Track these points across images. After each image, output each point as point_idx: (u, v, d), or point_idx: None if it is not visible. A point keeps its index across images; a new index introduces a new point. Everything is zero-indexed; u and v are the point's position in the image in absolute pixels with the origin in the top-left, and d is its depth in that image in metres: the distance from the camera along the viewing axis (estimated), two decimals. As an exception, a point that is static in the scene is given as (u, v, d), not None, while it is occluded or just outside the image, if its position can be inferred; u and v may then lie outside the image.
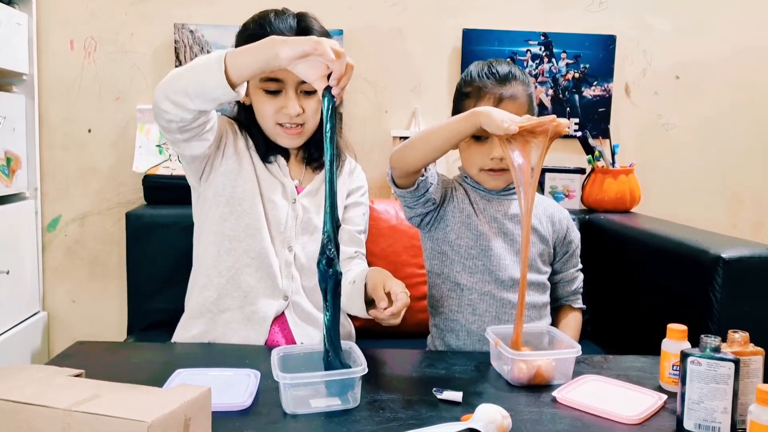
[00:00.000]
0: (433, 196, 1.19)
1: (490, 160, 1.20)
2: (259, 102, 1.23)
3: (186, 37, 1.90)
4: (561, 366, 0.99)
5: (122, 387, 0.76)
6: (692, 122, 2.10)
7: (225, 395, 0.89)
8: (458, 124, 1.08)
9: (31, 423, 0.69)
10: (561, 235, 1.31)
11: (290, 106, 1.21)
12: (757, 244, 1.35)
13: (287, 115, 1.22)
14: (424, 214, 1.23)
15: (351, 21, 1.95)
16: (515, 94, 1.20)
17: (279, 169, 1.29)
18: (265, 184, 1.26)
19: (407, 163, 1.13)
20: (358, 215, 1.35)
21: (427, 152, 1.11)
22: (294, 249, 1.27)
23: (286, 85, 1.21)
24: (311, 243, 1.27)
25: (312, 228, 1.28)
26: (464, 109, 1.23)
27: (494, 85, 1.21)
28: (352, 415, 0.86)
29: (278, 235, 1.26)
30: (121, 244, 1.83)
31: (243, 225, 1.24)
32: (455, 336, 1.24)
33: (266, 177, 1.27)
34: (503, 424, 0.81)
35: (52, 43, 1.89)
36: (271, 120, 1.24)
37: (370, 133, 2.00)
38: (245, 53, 1.02)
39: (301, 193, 1.29)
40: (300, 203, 1.28)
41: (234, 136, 1.28)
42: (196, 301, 1.26)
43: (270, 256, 1.24)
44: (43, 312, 1.94)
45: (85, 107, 1.92)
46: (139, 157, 1.86)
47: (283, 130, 1.25)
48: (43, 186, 1.92)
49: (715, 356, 0.82)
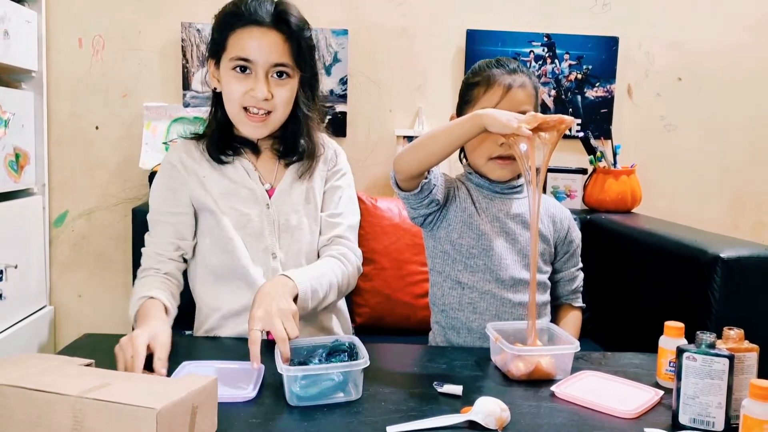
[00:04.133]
0: (437, 197, 1.20)
1: (499, 146, 1.21)
2: (228, 83, 1.19)
3: (193, 36, 1.92)
4: (560, 362, 1.01)
5: (131, 376, 0.78)
6: (694, 123, 2.11)
7: (230, 387, 0.91)
8: (461, 128, 1.09)
9: (43, 409, 0.71)
10: (562, 235, 1.32)
11: (259, 89, 1.16)
12: (755, 244, 1.36)
13: (254, 98, 1.17)
14: (427, 215, 1.24)
15: (356, 20, 1.97)
16: (524, 83, 1.21)
17: (246, 174, 1.24)
18: (228, 197, 1.22)
19: (411, 166, 1.14)
20: (334, 200, 1.30)
21: (430, 156, 1.12)
22: (278, 255, 1.23)
23: (257, 66, 1.17)
24: (293, 243, 1.24)
25: (291, 228, 1.24)
26: (472, 98, 1.25)
27: (503, 74, 1.22)
28: (355, 407, 0.88)
29: (257, 245, 1.22)
30: (127, 240, 1.85)
31: (219, 250, 1.22)
32: (456, 333, 1.26)
33: (228, 188, 1.23)
34: (502, 417, 0.83)
35: (60, 40, 1.92)
36: (237, 103, 1.19)
37: (374, 132, 2.02)
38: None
39: (273, 195, 1.24)
40: (274, 207, 1.24)
41: (185, 175, 1.23)
42: (202, 325, 1.26)
43: (251, 274, 1.20)
44: (50, 306, 1.96)
45: (92, 104, 1.94)
46: (145, 154, 1.88)
47: (247, 115, 1.19)
48: (51, 182, 1.95)
49: (710, 352, 0.84)
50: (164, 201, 1.24)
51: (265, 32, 1.17)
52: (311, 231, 1.27)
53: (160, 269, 1.20)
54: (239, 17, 1.17)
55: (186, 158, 1.25)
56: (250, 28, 1.17)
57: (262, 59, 1.17)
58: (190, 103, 1.94)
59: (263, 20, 1.16)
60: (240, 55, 1.17)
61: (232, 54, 1.17)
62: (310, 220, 1.26)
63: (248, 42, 1.16)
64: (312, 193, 1.27)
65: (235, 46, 1.17)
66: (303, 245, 1.25)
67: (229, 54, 1.18)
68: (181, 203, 1.23)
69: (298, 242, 1.24)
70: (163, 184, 1.25)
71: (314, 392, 0.89)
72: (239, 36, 1.17)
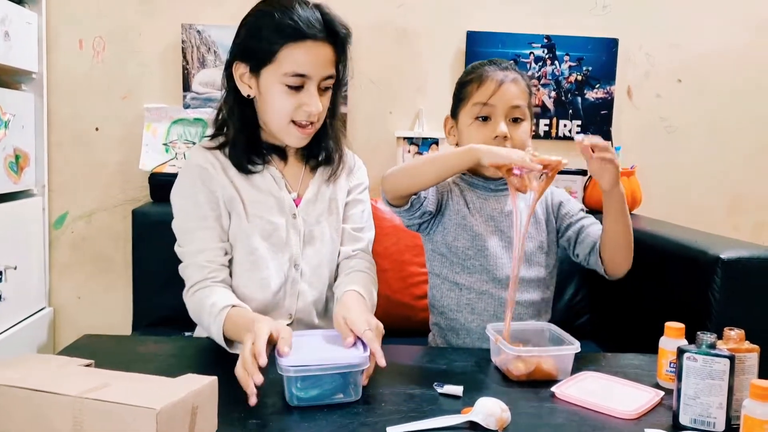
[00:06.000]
0: (429, 208, 1.20)
1: (493, 139, 1.20)
2: (278, 97, 1.14)
3: (193, 38, 1.92)
4: (560, 363, 1.01)
5: (131, 376, 0.78)
6: (694, 125, 2.11)
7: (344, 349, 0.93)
8: (454, 160, 1.09)
9: (43, 409, 0.71)
10: (554, 207, 1.29)
11: (314, 104, 1.13)
12: (755, 246, 1.37)
13: (307, 113, 1.14)
14: (420, 223, 1.25)
15: (356, 21, 1.95)
16: (516, 79, 1.22)
17: (274, 182, 1.20)
18: (256, 205, 1.18)
19: (399, 189, 1.15)
20: (357, 213, 1.29)
21: (420, 183, 1.13)
22: (300, 265, 1.21)
23: (311, 80, 1.13)
24: (315, 255, 1.22)
25: (315, 238, 1.22)
26: (465, 95, 1.25)
27: (496, 71, 1.22)
28: (355, 408, 0.88)
29: (281, 256, 1.19)
30: (127, 242, 1.85)
31: (241, 258, 1.18)
32: (455, 335, 1.26)
33: (256, 196, 1.19)
34: (502, 417, 0.83)
35: (61, 41, 1.91)
36: (286, 117, 1.15)
37: (375, 134, 2.02)
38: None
39: (300, 204, 1.22)
40: (300, 217, 1.21)
41: (216, 176, 1.17)
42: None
43: (270, 286, 1.18)
44: (49, 308, 1.96)
45: (93, 105, 1.94)
46: (145, 155, 1.88)
47: (297, 128, 1.16)
48: (51, 183, 1.95)
49: (710, 353, 0.84)
50: (202, 204, 1.16)
51: (320, 46, 1.13)
52: (333, 242, 1.25)
53: (216, 277, 1.13)
54: (295, 30, 1.10)
55: (213, 160, 1.19)
56: (306, 43, 1.11)
57: (317, 74, 1.13)
58: (191, 105, 1.94)
59: (317, 34, 1.11)
60: (297, 72, 1.11)
61: (287, 69, 1.11)
62: (332, 230, 1.24)
63: (306, 57, 1.11)
64: (335, 204, 1.26)
65: (291, 61, 1.11)
66: (324, 256, 1.23)
67: (281, 68, 1.11)
68: (219, 204, 1.17)
69: (320, 253, 1.23)
70: (195, 187, 1.17)
71: (314, 394, 0.89)
72: (295, 50, 1.11)
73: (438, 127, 1.97)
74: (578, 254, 1.25)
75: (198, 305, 1.11)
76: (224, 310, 1.06)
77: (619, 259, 1.20)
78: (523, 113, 1.22)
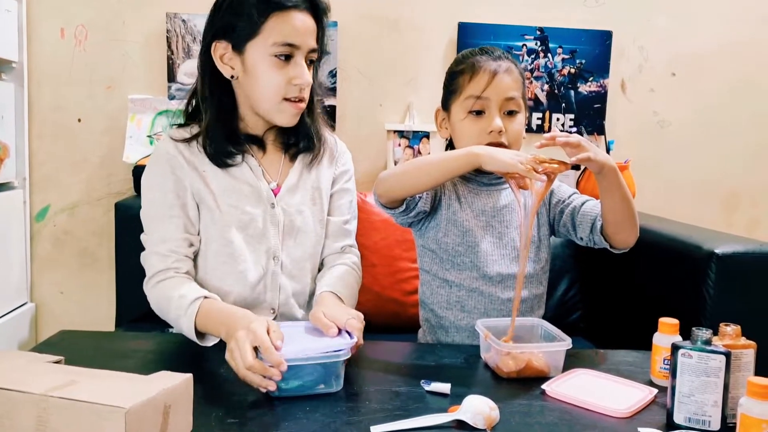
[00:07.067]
0: (423, 208, 1.16)
1: (488, 134, 1.16)
2: (267, 71, 1.10)
3: (178, 27, 1.88)
4: (551, 359, 0.98)
5: (101, 374, 0.75)
6: (688, 119, 2.09)
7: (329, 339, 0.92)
8: (454, 162, 1.06)
9: (7, 407, 0.67)
10: (546, 199, 1.25)
11: (304, 75, 1.11)
12: (750, 240, 1.35)
13: (298, 86, 1.11)
14: (413, 221, 1.21)
15: (346, 12, 1.93)
16: (510, 69, 1.18)
17: (251, 171, 1.16)
18: (230, 195, 1.14)
19: (393, 193, 1.11)
20: (345, 204, 1.25)
21: (416, 186, 1.09)
22: (280, 258, 1.17)
23: (299, 52, 1.11)
24: (296, 247, 1.18)
25: (296, 229, 1.18)
26: (457, 87, 1.21)
27: (488, 60, 1.18)
28: (338, 406, 0.85)
29: (259, 247, 1.16)
30: (110, 235, 1.81)
31: (216, 251, 1.14)
32: (445, 332, 1.23)
33: (231, 185, 1.15)
34: (491, 416, 0.80)
35: (42, 30, 1.87)
36: (278, 94, 1.11)
37: (365, 127, 1.99)
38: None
39: (279, 193, 1.18)
40: (279, 206, 1.17)
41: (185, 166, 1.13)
42: None
43: (248, 279, 1.15)
44: (31, 303, 1.92)
45: (75, 96, 1.90)
46: (129, 147, 1.84)
47: (289, 104, 1.12)
48: (32, 175, 1.90)
49: (706, 349, 0.81)
50: (168, 192, 1.12)
51: (303, 16, 1.11)
52: (316, 233, 1.21)
53: (180, 268, 1.11)
54: (278, 1, 1.08)
55: (184, 149, 1.15)
56: (291, 12, 1.09)
57: (305, 44, 1.11)
58: (176, 96, 1.89)
59: (299, 4, 1.10)
60: (286, 41, 1.09)
61: (276, 39, 1.08)
62: (315, 221, 1.21)
63: (293, 27, 1.09)
64: (319, 194, 1.22)
65: (278, 32, 1.08)
66: (307, 248, 1.20)
67: (269, 39, 1.08)
68: (187, 193, 1.13)
69: (302, 245, 1.19)
70: (163, 174, 1.13)
71: (295, 385, 0.87)
72: (282, 20, 1.08)
73: (429, 120, 1.94)
74: (582, 237, 1.20)
75: (163, 297, 1.08)
76: (196, 302, 1.03)
77: (624, 233, 1.14)
78: (517, 104, 1.18)
